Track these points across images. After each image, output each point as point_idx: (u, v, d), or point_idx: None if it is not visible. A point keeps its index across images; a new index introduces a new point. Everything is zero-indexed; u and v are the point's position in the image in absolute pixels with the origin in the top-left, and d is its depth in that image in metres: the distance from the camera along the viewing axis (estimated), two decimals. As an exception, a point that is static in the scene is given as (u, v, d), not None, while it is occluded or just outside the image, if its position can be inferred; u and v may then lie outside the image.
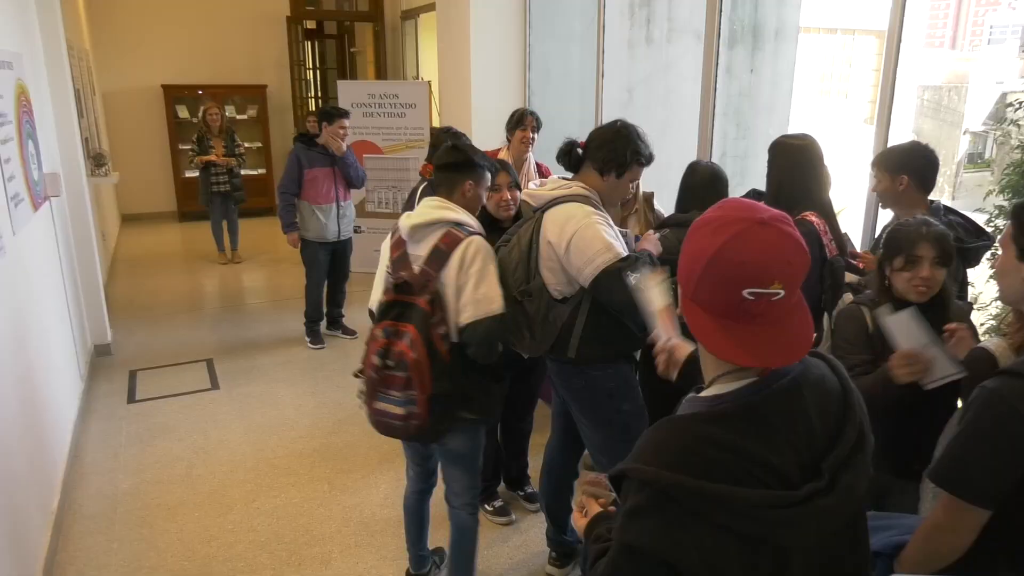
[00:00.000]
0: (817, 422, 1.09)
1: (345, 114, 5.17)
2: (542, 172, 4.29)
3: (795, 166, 2.75)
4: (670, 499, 1.03)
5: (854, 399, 1.14)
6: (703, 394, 1.16)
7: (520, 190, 2.99)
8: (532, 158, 4.29)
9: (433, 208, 2.39)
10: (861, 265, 2.71)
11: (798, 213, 2.60)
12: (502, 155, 4.22)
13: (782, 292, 1.05)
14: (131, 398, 4.70)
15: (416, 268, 2.35)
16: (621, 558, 1.10)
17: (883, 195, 2.71)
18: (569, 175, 2.58)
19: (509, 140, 4.22)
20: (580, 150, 2.51)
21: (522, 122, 4.14)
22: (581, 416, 2.66)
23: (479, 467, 2.65)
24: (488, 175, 2.49)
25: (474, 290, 2.29)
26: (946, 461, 1.52)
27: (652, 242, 2.58)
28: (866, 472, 1.10)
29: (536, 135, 4.18)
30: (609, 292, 2.33)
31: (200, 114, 7.82)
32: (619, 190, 2.51)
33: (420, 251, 2.36)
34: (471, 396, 2.39)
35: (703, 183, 2.87)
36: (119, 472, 3.81)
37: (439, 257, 2.32)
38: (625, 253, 2.35)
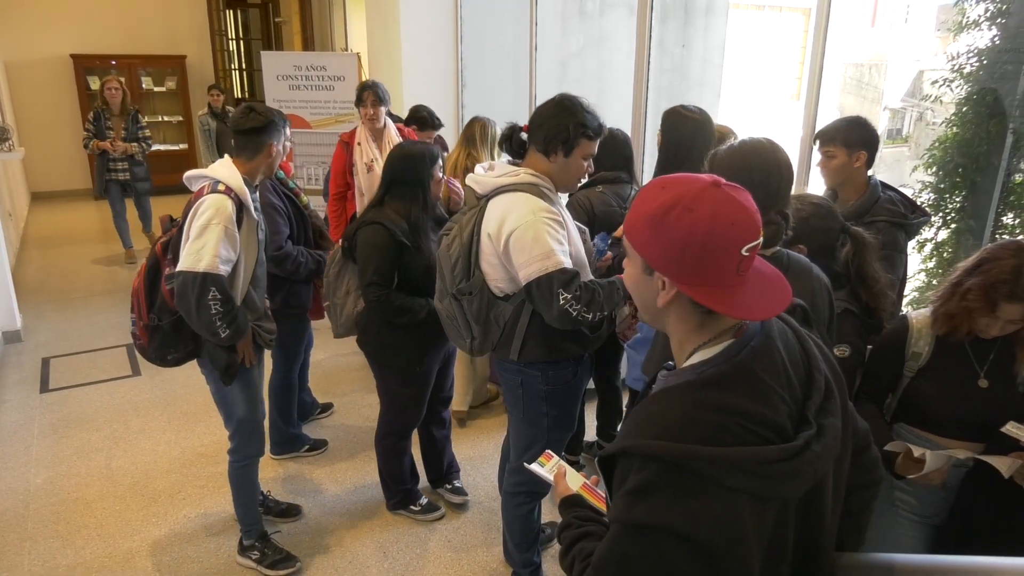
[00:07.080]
0: (792, 372, 1.10)
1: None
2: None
3: (690, 138, 2.78)
4: (679, 469, 1.00)
5: (810, 345, 1.17)
6: (685, 364, 1.13)
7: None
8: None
9: (214, 166, 2.52)
10: None
11: None
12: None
13: (761, 239, 1.08)
14: (44, 387, 4.45)
15: None
16: (627, 540, 1.04)
17: (835, 171, 2.63)
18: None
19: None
20: (523, 134, 2.30)
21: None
22: (512, 410, 2.58)
23: (240, 419, 2.74)
24: (286, 129, 2.61)
25: (190, 243, 2.37)
26: None
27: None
28: (840, 412, 1.12)
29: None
30: (539, 304, 2.17)
31: (99, 87, 6.84)
32: (571, 170, 2.24)
33: None
34: (179, 339, 2.56)
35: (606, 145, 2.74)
36: (31, 466, 3.60)
37: (187, 207, 2.46)
38: (566, 263, 2.13)
